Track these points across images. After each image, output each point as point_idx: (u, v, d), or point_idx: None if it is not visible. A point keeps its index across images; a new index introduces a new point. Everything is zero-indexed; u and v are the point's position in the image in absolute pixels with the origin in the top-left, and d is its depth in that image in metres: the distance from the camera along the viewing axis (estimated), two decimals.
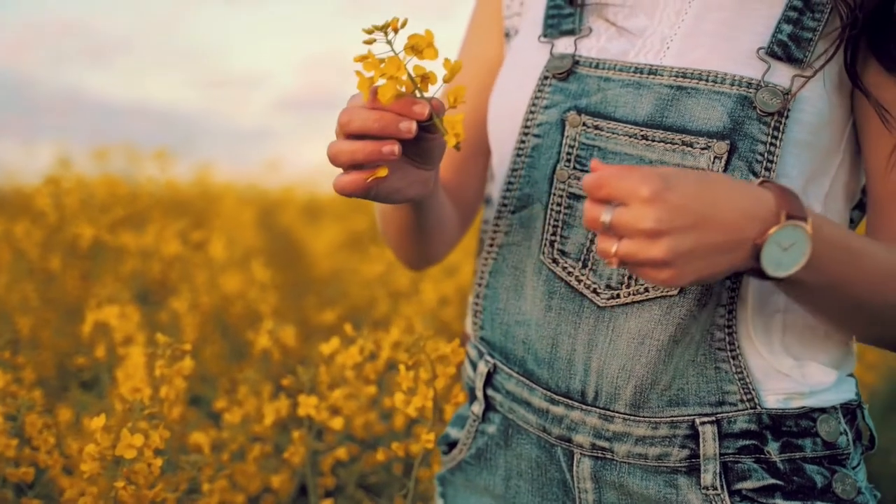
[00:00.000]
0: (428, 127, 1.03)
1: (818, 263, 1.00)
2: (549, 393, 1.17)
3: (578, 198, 1.16)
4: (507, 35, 1.34)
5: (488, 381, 1.24)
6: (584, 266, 1.15)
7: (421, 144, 1.06)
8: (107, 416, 1.24)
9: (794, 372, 1.13)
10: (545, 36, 1.24)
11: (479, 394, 1.25)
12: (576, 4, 1.23)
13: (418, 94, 1.02)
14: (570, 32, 1.22)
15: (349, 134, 1.02)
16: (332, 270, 3.52)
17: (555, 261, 1.17)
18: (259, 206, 4.32)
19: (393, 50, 1.00)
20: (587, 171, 1.14)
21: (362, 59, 1.00)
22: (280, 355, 1.87)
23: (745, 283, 1.12)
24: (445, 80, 1.02)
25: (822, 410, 1.13)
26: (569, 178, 1.16)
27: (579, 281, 1.15)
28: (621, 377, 1.13)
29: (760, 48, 1.12)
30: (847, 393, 1.16)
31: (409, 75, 1.01)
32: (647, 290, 1.11)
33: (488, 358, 1.24)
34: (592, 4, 1.23)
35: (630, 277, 1.12)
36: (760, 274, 0.98)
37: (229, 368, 2.36)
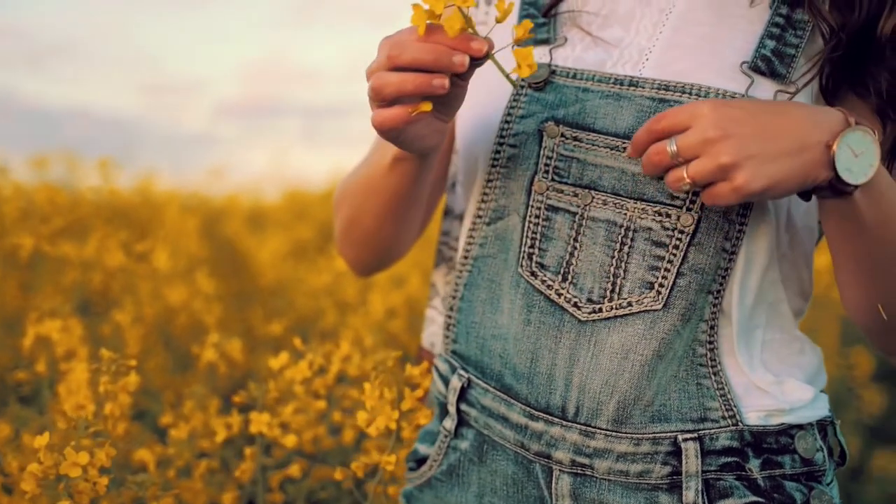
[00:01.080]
0: (473, 64, 1.04)
1: (878, 186, 1.03)
2: (527, 408, 1.15)
3: (557, 210, 1.15)
4: None
5: (462, 395, 1.21)
6: (564, 279, 1.14)
7: (448, 91, 1.05)
8: (48, 432, 1.20)
9: (773, 388, 1.13)
10: (518, 45, 1.22)
11: (452, 409, 1.22)
12: (549, 14, 1.22)
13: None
14: (545, 42, 1.21)
15: (398, 66, 1.02)
16: (277, 280, 3.49)
17: (533, 274, 1.15)
18: (203, 215, 4.27)
19: None
20: (566, 183, 1.14)
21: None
22: (226, 368, 1.84)
23: (729, 298, 1.12)
24: (498, 21, 1.04)
25: (800, 427, 1.14)
26: (547, 189, 1.15)
27: (559, 295, 1.14)
28: (604, 392, 1.11)
29: (744, 62, 1.12)
30: (822, 409, 1.17)
31: (464, 13, 1.01)
32: (629, 304, 1.11)
33: (462, 372, 1.21)
34: (566, 14, 1.22)
35: (612, 291, 1.12)
36: (832, 187, 1.00)
37: (173, 381, 2.32)
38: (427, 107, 1.05)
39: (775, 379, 1.14)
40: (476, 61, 1.03)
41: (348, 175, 1.37)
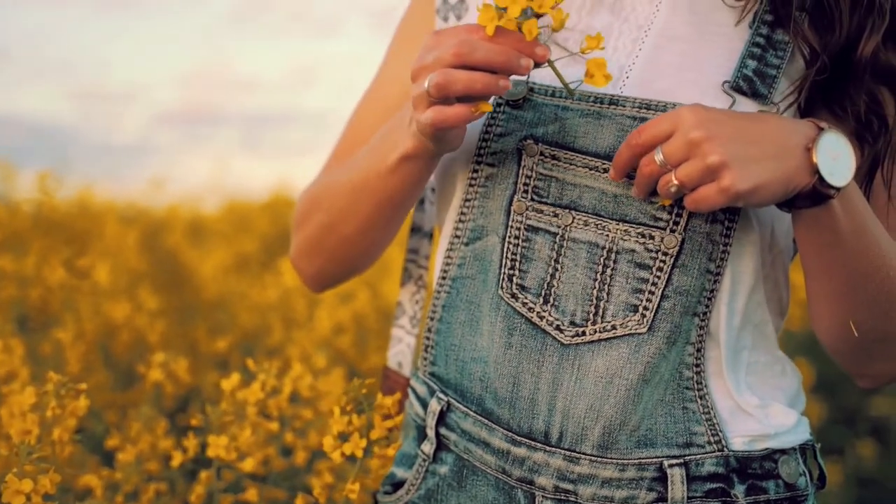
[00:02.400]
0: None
1: (852, 195, 1.04)
2: (509, 433, 1.13)
3: (537, 230, 1.13)
4: None
5: (441, 419, 1.18)
6: (546, 302, 1.11)
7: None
8: None
9: (757, 412, 1.12)
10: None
11: (431, 433, 1.19)
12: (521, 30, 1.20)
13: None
14: None
15: (467, 64, 1.01)
16: (220, 295, 3.44)
17: (514, 296, 1.13)
18: (142, 227, 4.20)
19: None
20: (546, 203, 1.12)
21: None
22: (173, 388, 1.80)
23: (717, 320, 1.11)
24: (554, 29, 1.04)
25: (783, 452, 1.13)
26: (527, 209, 1.13)
27: (541, 317, 1.11)
28: (589, 417, 1.09)
29: (725, 82, 1.11)
30: (804, 433, 1.17)
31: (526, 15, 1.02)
32: (613, 327, 1.09)
33: (441, 395, 1.18)
34: (543, 29, 1.21)
35: (595, 314, 1.10)
36: (814, 193, 1.01)
37: (115, 399, 2.27)
38: (488, 107, 1.04)
39: (760, 402, 1.13)
40: (536, 66, 1.04)
41: (322, 181, 1.32)
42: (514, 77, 1.17)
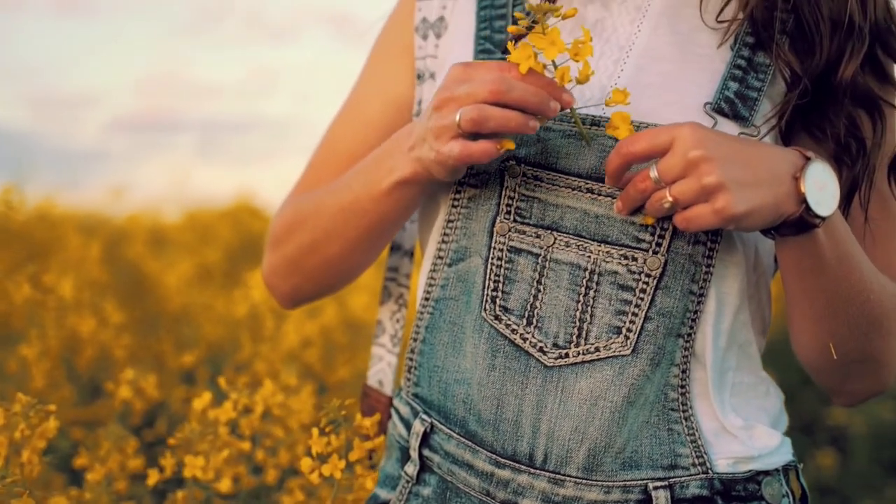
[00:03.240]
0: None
1: (836, 222, 1.05)
2: (493, 455, 1.12)
3: (519, 251, 1.12)
4: (420, 77, 1.29)
5: (424, 440, 1.17)
6: (529, 323, 1.11)
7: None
8: None
9: (741, 433, 1.13)
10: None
11: (414, 454, 1.18)
12: (504, 50, 1.19)
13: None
14: None
15: (501, 102, 1.03)
16: (184, 306, 3.41)
17: (497, 318, 1.12)
18: (104, 237, 4.15)
19: (543, 32, 1.03)
20: (528, 224, 1.12)
21: (534, 32, 1.03)
22: (142, 405, 1.79)
23: (702, 341, 1.11)
24: (580, 82, 1.06)
25: (767, 473, 1.13)
26: (509, 230, 1.13)
27: (524, 339, 1.11)
28: (574, 440, 1.09)
29: (707, 103, 1.12)
30: (787, 454, 1.17)
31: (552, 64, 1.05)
32: (597, 349, 1.09)
33: (424, 417, 1.17)
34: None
35: (579, 336, 1.10)
36: (800, 221, 1.02)
37: (80, 415, 2.25)
38: (511, 144, 1.06)
39: (744, 423, 1.13)
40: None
41: (304, 200, 1.31)
42: None
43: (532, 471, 1.11)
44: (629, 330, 1.09)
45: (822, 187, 1.02)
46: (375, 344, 1.42)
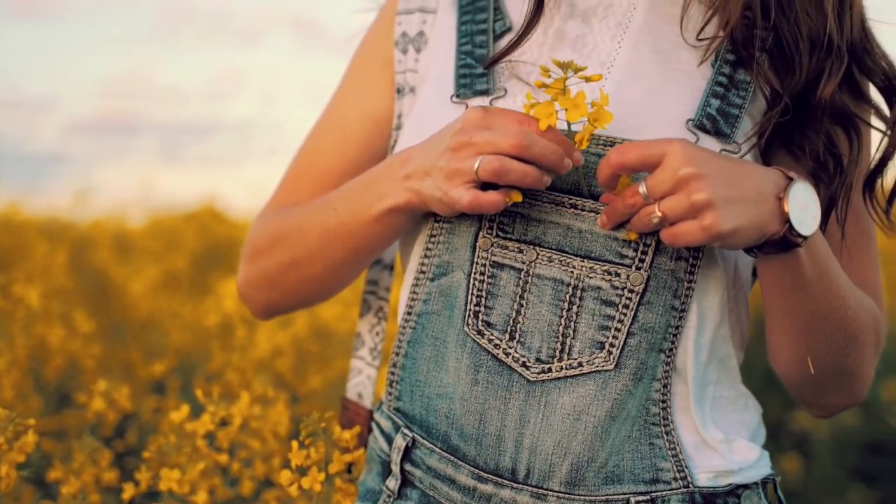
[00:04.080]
0: None
1: (817, 240, 1.07)
2: (476, 470, 1.12)
3: (502, 266, 1.13)
4: (400, 91, 1.30)
5: (406, 455, 1.17)
6: (511, 338, 1.12)
7: None
8: None
9: (722, 447, 1.14)
10: (458, 96, 1.20)
11: (396, 468, 1.18)
12: (489, 66, 1.20)
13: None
14: (484, 93, 1.19)
15: (522, 157, 1.04)
16: (151, 314, 3.38)
17: (480, 332, 1.13)
18: (68, 244, 4.11)
19: (561, 91, 1.06)
20: (511, 239, 1.13)
21: (558, 92, 1.06)
22: (115, 416, 1.77)
23: (684, 356, 1.12)
24: (578, 145, 1.07)
25: (746, 487, 1.15)
26: (492, 245, 1.13)
27: (507, 354, 1.11)
28: (556, 454, 1.10)
29: (689, 120, 1.13)
30: (765, 467, 1.18)
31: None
32: (580, 364, 1.10)
33: (406, 431, 1.17)
34: (504, 64, 1.21)
35: (562, 351, 1.10)
36: (783, 240, 1.03)
37: (48, 425, 2.22)
38: (519, 197, 1.09)
39: (724, 437, 1.14)
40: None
41: (286, 216, 1.30)
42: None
43: (515, 485, 1.11)
44: (612, 345, 1.10)
45: (804, 207, 1.03)
46: (354, 357, 1.42)
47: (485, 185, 1.07)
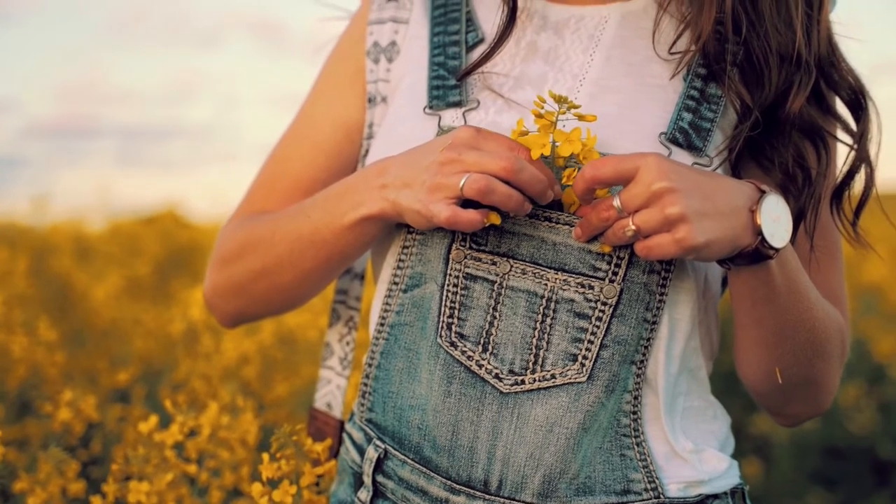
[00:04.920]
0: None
1: (787, 253, 1.08)
2: (448, 482, 1.12)
3: (475, 278, 1.13)
4: (371, 100, 1.30)
5: (378, 466, 1.17)
6: (485, 350, 1.12)
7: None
8: None
9: (692, 457, 1.15)
10: (431, 107, 1.20)
11: (368, 480, 1.18)
12: (460, 77, 1.21)
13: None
14: (457, 104, 1.19)
15: (509, 180, 1.05)
16: (113, 320, 3.35)
17: (453, 344, 1.13)
18: (28, 249, 4.06)
19: (553, 124, 1.08)
20: (484, 251, 1.13)
21: (548, 124, 1.07)
22: (81, 427, 1.75)
23: (654, 368, 1.13)
24: (567, 206, 1.10)
25: (716, 496, 1.16)
26: (465, 257, 1.13)
27: (480, 366, 1.12)
28: (529, 466, 1.10)
29: (662, 133, 1.14)
30: (734, 477, 1.19)
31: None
32: (553, 376, 1.10)
33: (378, 443, 1.17)
34: (476, 75, 1.21)
35: (535, 363, 1.11)
36: (756, 252, 1.04)
37: (10, 434, 2.19)
38: (497, 220, 1.09)
39: (694, 447, 1.15)
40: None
41: (255, 224, 1.29)
42: (448, 122, 1.18)
43: (487, 497, 1.12)
44: (585, 357, 1.10)
45: (776, 219, 1.05)
46: (323, 367, 1.42)
47: (465, 204, 1.07)
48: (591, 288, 1.11)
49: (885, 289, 3.99)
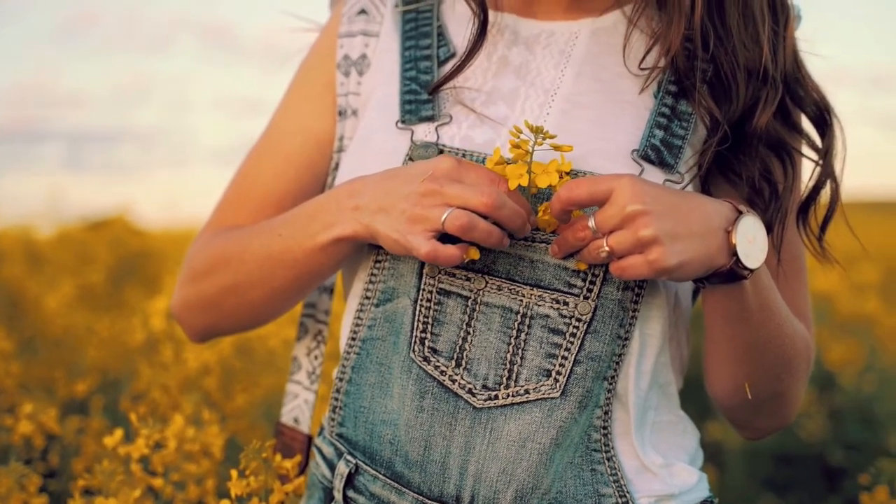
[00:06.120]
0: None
1: (761, 275, 1.10)
2: (420, 497, 1.12)
3: (449, 294, 1.13)
4: (342, 113, 1.30)
5: (349, 481, 1.17)
6: (458, 365, 1.12)
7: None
8: None
9: (661, 471, 1.16)
10: (403, 122, 1.20)
11: (339, 495, 1.17)
12: (431, 90, 1.21)
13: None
14: (430, 119, 1.19)
15: (490, 216, 1.05)
16: (66, 329, 3.29)
17: (426, 359, 1.13)
18: None
19: (529, 153, 1.09)
20: (458, 267, 1.13)
21: (523, 154, 1.09)
22: (41, 441, 1.73)
23: (625, 383, 1.14)
24: (542, 213, 1.10)
25: None
26: (439, 273, 1.13)
27: (453, 381, 1.12)
28: (501, 481, 1.10)
29: (634, 150, 1.15)
30: (704, 490, 1.21)
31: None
32: (527, 391, 1.11)
33: (349, 458, 1.17)
34: (448, 90, 1.21)
35: (509, 378, 1.11)
36: (731, 272, 1.06)
37: None
38: (476, 255, 1.09)
39: (664, 461, 1.16)
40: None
41: (227, 239, 1.28)
42: (421, 137, 1.19)
43: None
44: (559, 373, 1.11)
45: (752, 240, 1.06)
46: (290, 381, 1.41)
47: (443, 236, 1.07)
48: (566, 304, 1.11)
49: (835, 298, 4.05)
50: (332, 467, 1.20)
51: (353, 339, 1.19)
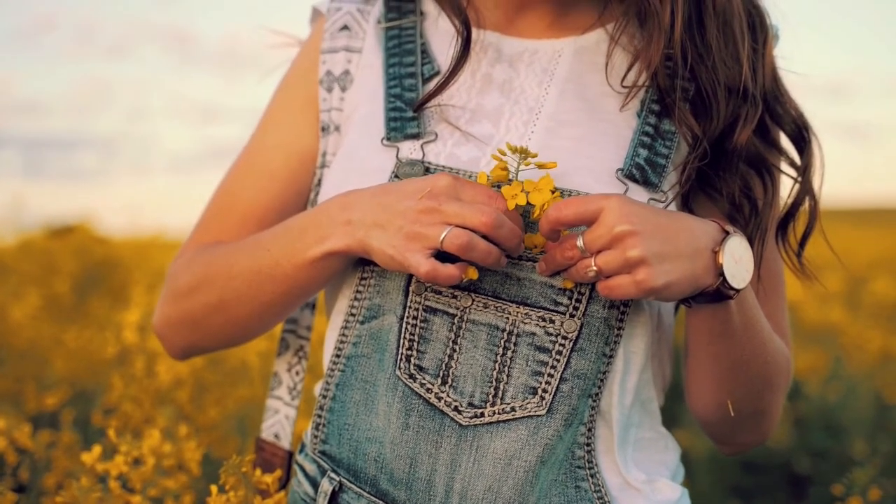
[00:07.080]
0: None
1: (745, 294, 1.11)
2: None
3: (435, 311, 1.13)
4: (325, 129, 1.29)
5: (332, 499, 1.16)
6: (444, 383, 1.12)
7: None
8: None
9: (645, 488, 1.16)
10: (388, 139, 1.20)
11: None
12: (415, 108, 1.21)
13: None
14: (415, 136, 1.19)
15: (489, 236, 1.06)
16: (31, 340, 3.26)
17: (412, 376, 1.13)
18: None
19: (515, 173, 1.10)
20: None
21: (507, 175, 1.10)
22: (15, 457, 1.71)
23: (609, 400, 1.14)
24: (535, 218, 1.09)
25: None
26: (426, 290, 1.13)
27: (439, 398, 1.12)
28: (487, 499, 1.10)
29: (618, 169, 1.15)
30: None
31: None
32: (513, 409, 1.11)
33: (333, 475, 1.17)
34: (433, 108, 1.21)
35: (495, 395, 1.11)
36: (717, 292, 1.06)
37: None
38: (475, 275, 1.09)
39: (647, 478, 1.17)
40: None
41: (211, 255, 1.26)
42: (406, 154, 1.19)
43: None
44: (545, 391, 1.11)
45: (738, 261, 1.07)
46: (271, 396, 1.40)
47: (440, 253, 1.07)
48: (552, 322, 1.12)
49: (800, 308, 4.10)
50: (315, 485, 1.19)
51: (338, 356, 1.19)
